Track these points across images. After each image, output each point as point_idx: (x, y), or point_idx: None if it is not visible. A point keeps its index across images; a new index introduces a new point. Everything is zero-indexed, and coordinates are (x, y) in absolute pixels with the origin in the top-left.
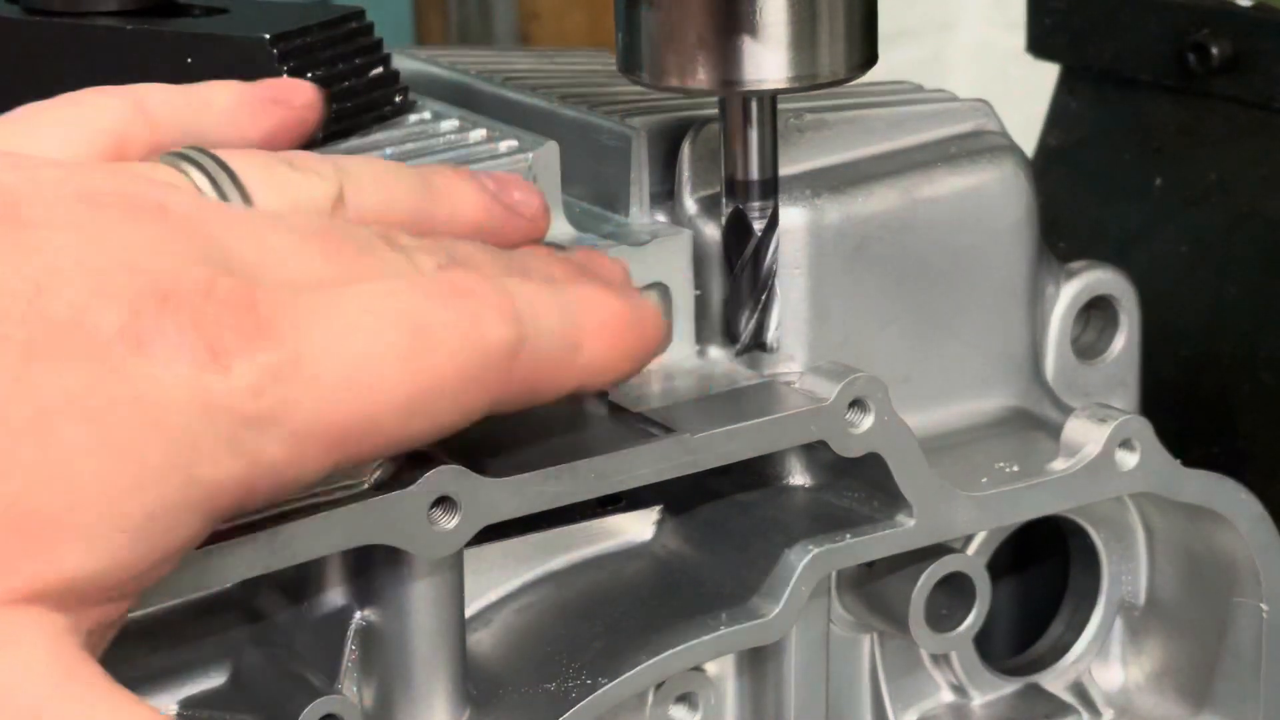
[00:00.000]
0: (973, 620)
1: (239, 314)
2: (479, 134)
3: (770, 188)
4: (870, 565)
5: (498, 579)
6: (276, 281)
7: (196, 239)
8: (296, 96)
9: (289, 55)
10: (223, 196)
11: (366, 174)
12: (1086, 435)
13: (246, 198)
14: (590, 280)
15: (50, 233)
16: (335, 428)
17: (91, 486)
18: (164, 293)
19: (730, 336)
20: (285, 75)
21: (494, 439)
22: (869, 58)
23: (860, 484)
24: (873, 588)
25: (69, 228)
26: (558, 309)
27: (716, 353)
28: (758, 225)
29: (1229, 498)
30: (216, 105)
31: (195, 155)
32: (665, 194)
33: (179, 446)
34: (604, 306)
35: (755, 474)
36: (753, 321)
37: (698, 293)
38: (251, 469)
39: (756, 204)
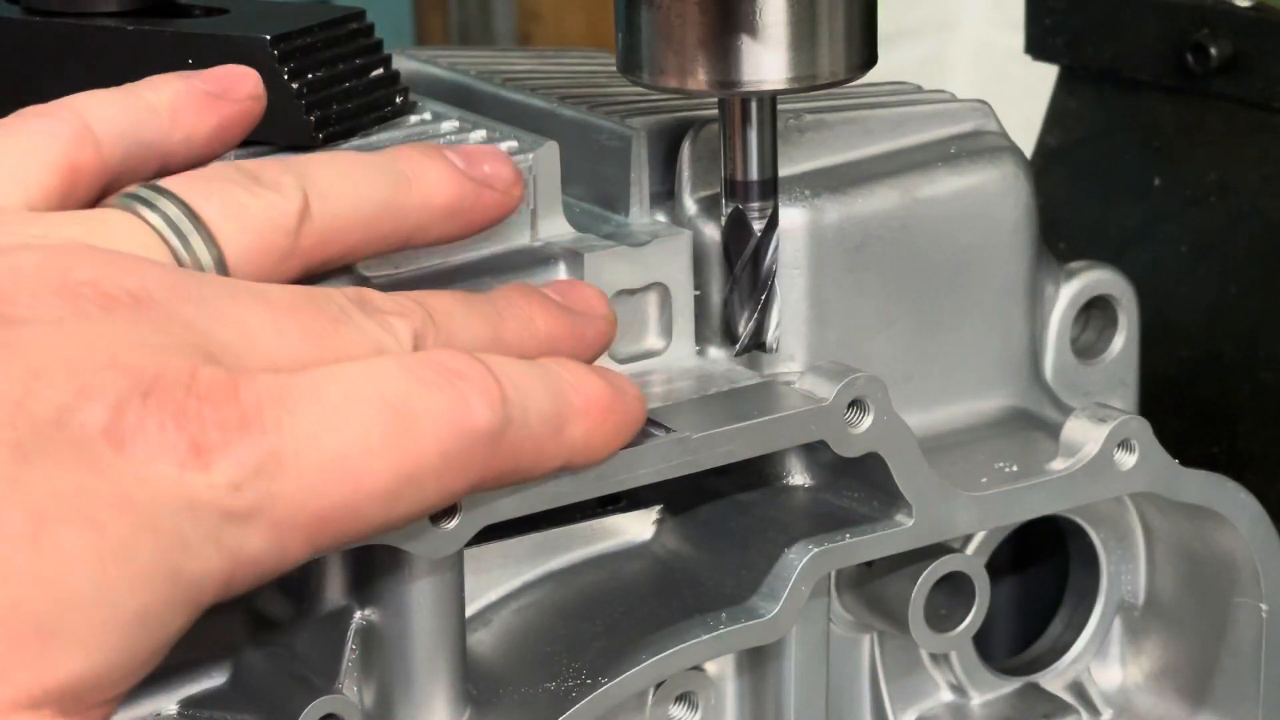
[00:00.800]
0: (972, 620)
1: (220, 407)
2: (479, 134)
3: (770, 188)
4: (870, 565)
5: (498, 579)
6: (257, 366)
7: (176, 327)
8: (239, 88)
9: (289, 56)
10: (188, 248)
11: (330, 176)
12: (1086, 435)
13: (212, 241)
14: (574, 367)
15: (33, 330)
16: (317, 517)
17: (86, 590)
18: (146, 388)
19: (730, 336)
20: (285, 76)
21: None
22: (869, 58)
23: (860, 484)
24: (872, 587)
25: (51, 324)
26: (544, 390)
27: (716, 353)
28: (757, 225)
29: (1228, 498)
30: (159, 108)
31: (154, 199)
32: (665, 194)
33: (168, 545)
34: (589, 388)
35: (755, 474)
36: (753, 321)
37: (698, 293)
38: (233, 562)
39: (756, 204)
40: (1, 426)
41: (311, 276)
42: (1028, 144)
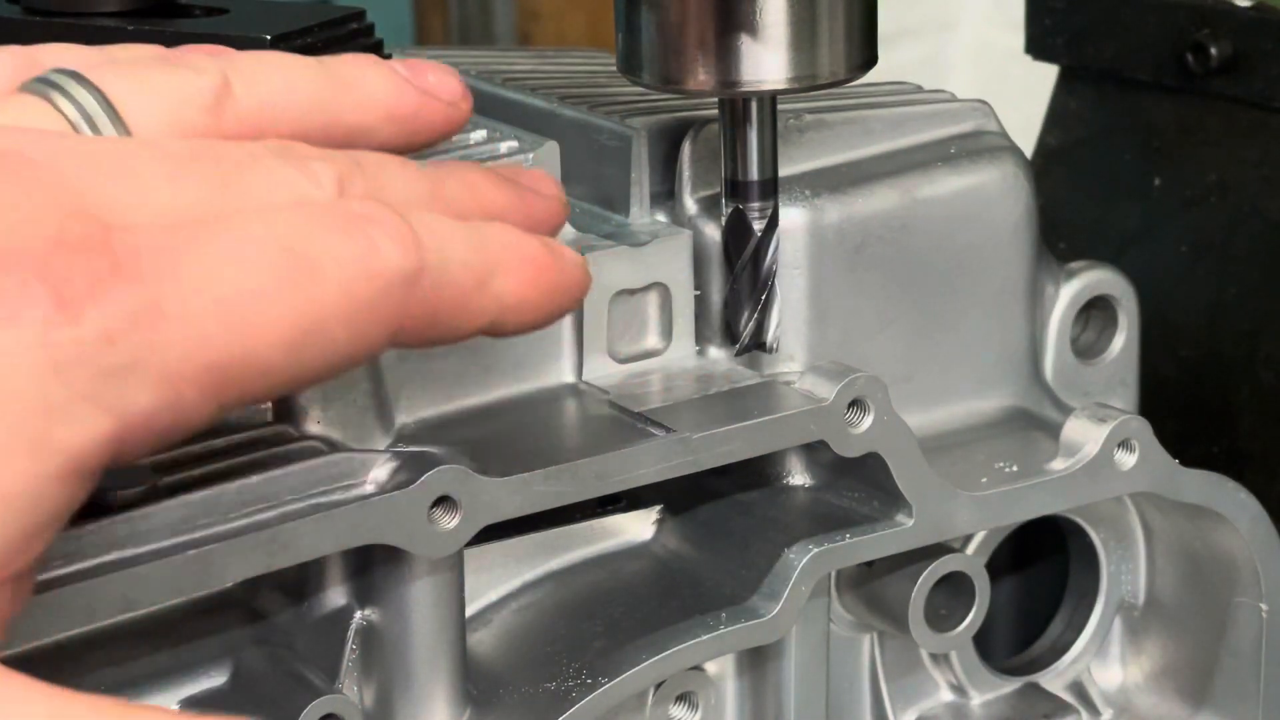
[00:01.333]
0: (972, 620)
1: (90, 258)
2: (479, 134)
3: (770, 188)
4: (870, 565)
5: (498, 579)
6: (143, 219)
7: (51, 187)
8: (446, 91)
9: None
10: (94, 127)
11: (256, 65)
12: (1086, 435)
13: (118, 121)
14: (507, 226)
15: None
16: (211, 367)
17: None
18: (3, 251)
19: (730, 336)
20: None
21: (494, 439)
22: (869, 58)
23: (860, 484)
24: (872, 587)
25: None
26: (465, 240)
27: (716, 353)
28: (758, 225)
29: (1228, 497)
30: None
31: (64, 83)
32: (665, 194)
33: (30, 415)
34: (519, 243)
35: (755, 474)
36: (753, 321)
37: (698, 293)
38: (119, 423)
39: (756, 204)
40: None
41: None
42: (1028, 144)
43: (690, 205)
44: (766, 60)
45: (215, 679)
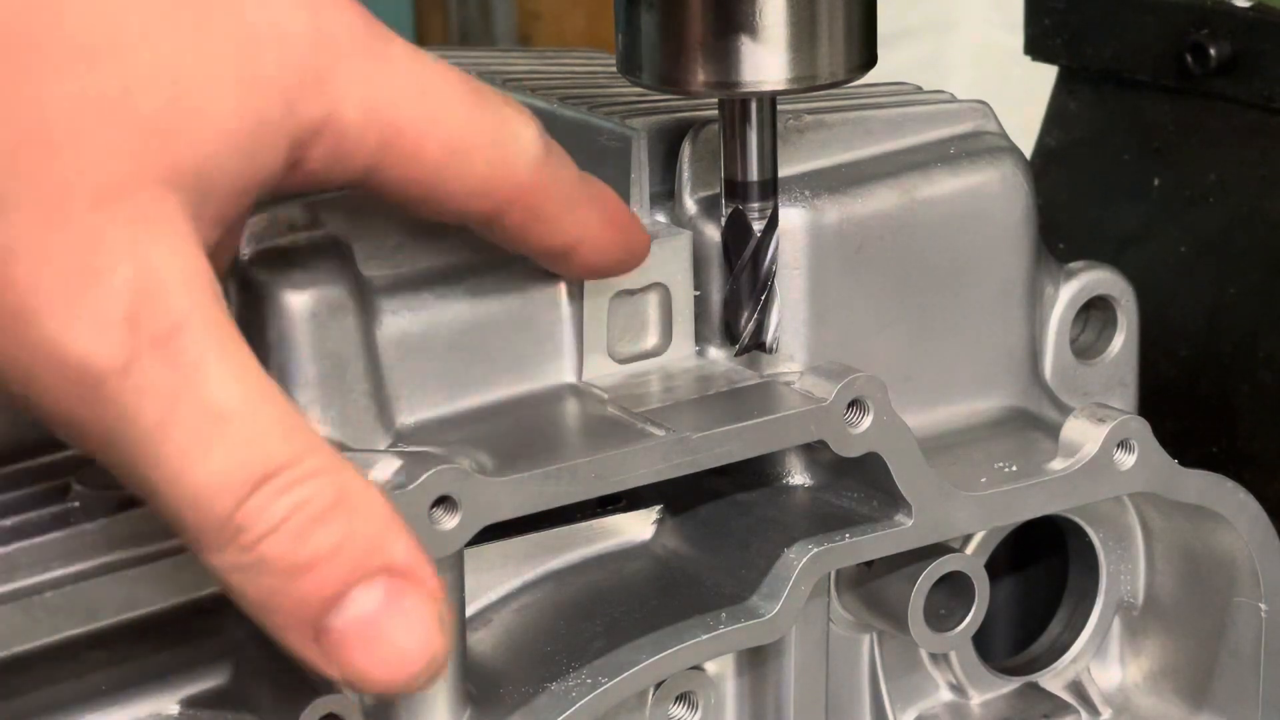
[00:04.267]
0: (971, 619)
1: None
2: None
3: (770, 188)
4: (869, 565)
5: (498, 579)
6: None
7: None
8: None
9: None
10: None
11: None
12: (1085, 435)
13: None
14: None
15: None
16: (393, 122)
17: (225, 78)
18: None
19: (730, 337)
20: None
21: (494, 439)
22: (868, 59)
23: (859, 484)
24: (872, 587)
25: None
26: (576, 169)
27: (716, 353)
28: (757, 226)
29: (1228, 498)
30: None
31: None
32: (665, 194)
33: (291, 68)
34: (612, 195)
35: (755, 474)
36: (752, 322)
37: (698, 293)
38: (327, 119)
39: (756, 205)
40: None
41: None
42: (1027, 144)
43: (690, 205)
44: (766, 61)
45: (215, 679)
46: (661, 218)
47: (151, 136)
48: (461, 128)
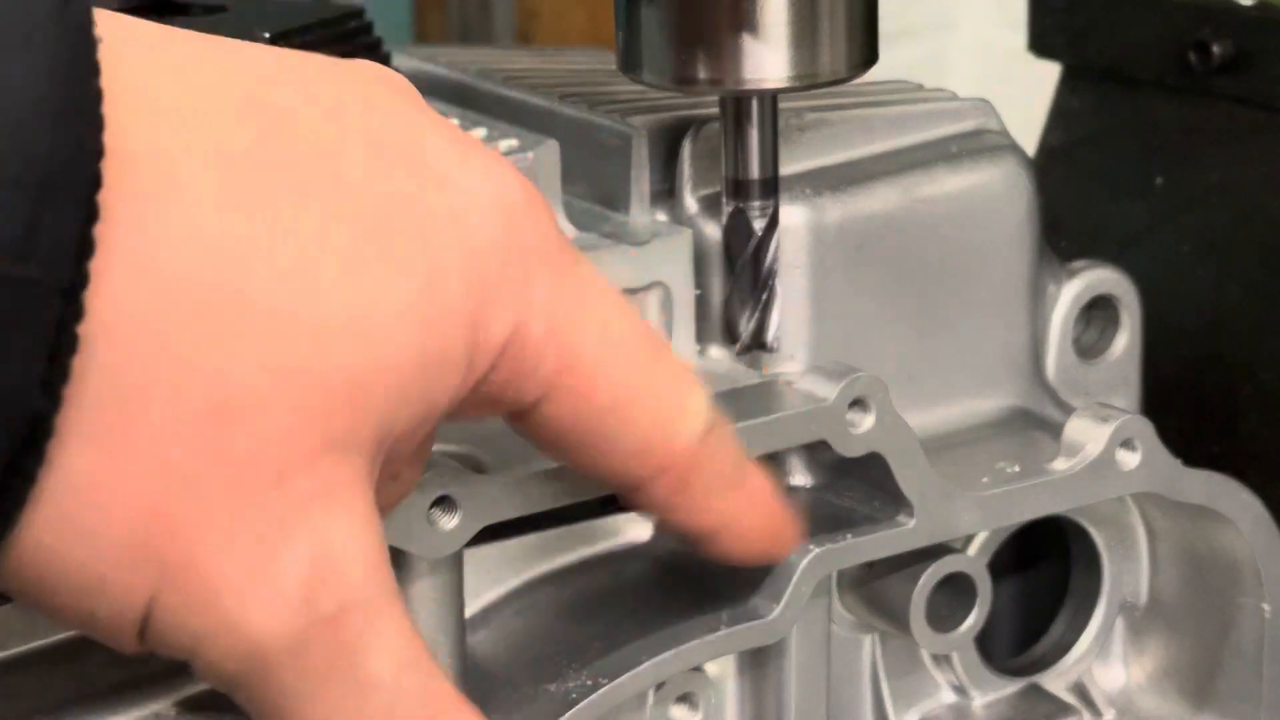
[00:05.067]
0: (974, 620)
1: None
2: (479, 133)
3: (771, 187)
4: (871, 565)
5: (498, 579)
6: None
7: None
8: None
9: None
10: None
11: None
12: (1088, 435)
13: None
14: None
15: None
16: (573, 352)
17: (409, 317)
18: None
19: (730, 336)
20: None
21: (494, 439)
22: (869, 57)
23: (861, 484)
24: (873, 588)
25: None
26: (739, 453)
27: (717, 353)
28: (758, 224)
29: (1231, 498)
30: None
31: None
32: (666, 193)
33: (475, 279)
34: (768, 485)
35: None
36: (753, 321)
37: (698, 292)
38: (514, 336)
39: (757, 203)
40: (354, 122)
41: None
42: (1030, 143)
43: (691, 204)
44: (767, 59)
45: None
46: (662, 216)
47: (336, 401)
48: (636, 376)
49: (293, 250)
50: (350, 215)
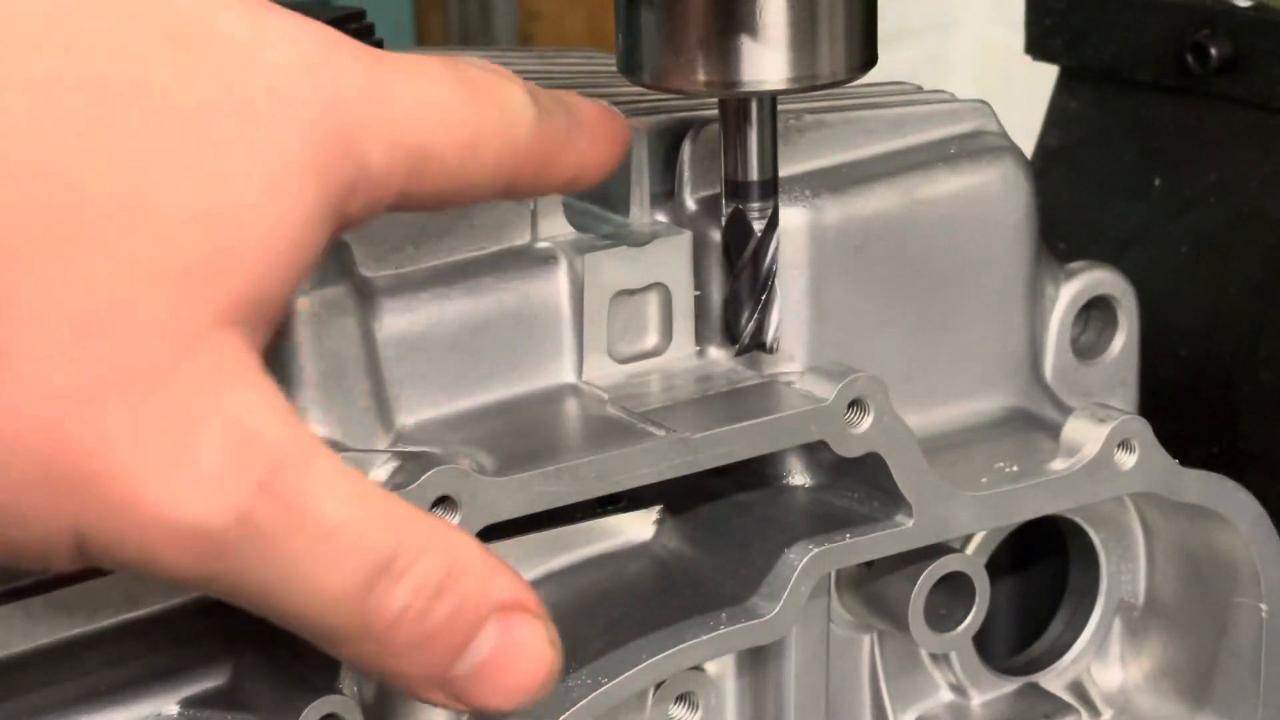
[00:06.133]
0: (972, 620)
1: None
2: None
3: (770, 188)
4: (870, 565)
5: None
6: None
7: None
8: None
9: None
10: None
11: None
12: (1086, 435)
13: None
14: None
15: None
16: (416, 146)
17: (253, 189)
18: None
19: (730, 336)
20: None
21: (494, 439)
22: (869, 59)
23: (860, 484)
24: (872, 587)
25: None
26: (558, 100)
27: (716, 353)
28: (758, 225)
29: (1228, 498)
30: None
31: None
32: (665, 194)
33: (312, 146)
34: (590, 103)
35: (755, 474)
36: (753, 322)
37: (698, 293)
38: (359, 174)
39: (756, 204)
40: (150, 19)
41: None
42: (1028, 144)
43: (690, 205)
44: (766, 60)
45: (215, 679)
46: (662, 217)
47: (202, 285)
48: (468, 124)
49: (123, 153)
50: (170, 109)
